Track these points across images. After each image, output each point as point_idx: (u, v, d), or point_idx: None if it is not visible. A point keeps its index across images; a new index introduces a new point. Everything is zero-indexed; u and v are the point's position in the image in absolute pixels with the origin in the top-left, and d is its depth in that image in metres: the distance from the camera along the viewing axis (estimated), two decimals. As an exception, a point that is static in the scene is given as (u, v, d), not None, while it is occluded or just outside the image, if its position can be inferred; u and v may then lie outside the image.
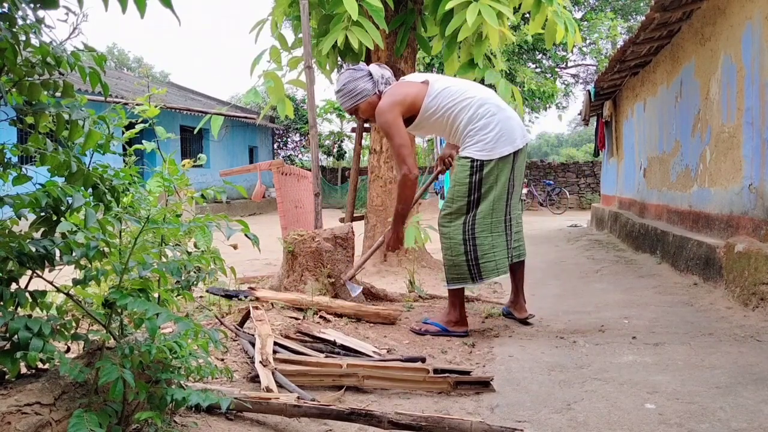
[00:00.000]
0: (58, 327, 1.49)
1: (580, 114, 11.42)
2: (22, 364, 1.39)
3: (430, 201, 14.54)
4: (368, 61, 5.43)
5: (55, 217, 1.50)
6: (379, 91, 3.11)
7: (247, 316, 2.92)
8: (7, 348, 1.40)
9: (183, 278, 1.87)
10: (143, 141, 2.30)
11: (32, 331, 1.37)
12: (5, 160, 1.46)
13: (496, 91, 4.31)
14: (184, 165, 2.34)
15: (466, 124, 2.98)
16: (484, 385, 2.27)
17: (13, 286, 1.46)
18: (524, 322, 3.39)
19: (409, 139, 3.08)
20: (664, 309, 3.76)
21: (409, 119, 3.07)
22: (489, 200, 3.00)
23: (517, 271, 3.38)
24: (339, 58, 5.45)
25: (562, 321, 3.52)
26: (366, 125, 5.85)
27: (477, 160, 2.94)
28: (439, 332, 3.11)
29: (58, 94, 1.51)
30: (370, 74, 3.10)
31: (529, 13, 4.86)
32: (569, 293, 4.49)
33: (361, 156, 5.93)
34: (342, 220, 5.76)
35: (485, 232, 3.03)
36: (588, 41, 18.68)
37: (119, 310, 1.57)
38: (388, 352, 2.76)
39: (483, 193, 2.99)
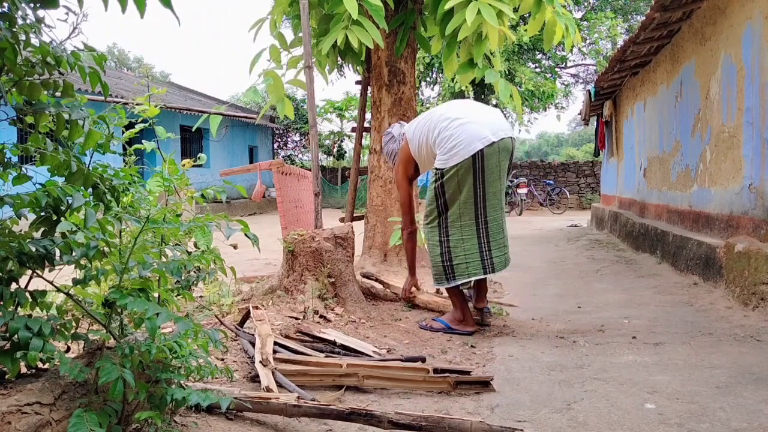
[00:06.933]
0: (58, 327, 1.49)
1: (580, 114, 11.41)
2: (22, 364, 1.39)
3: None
4: (368, 61, 5.43)
5: (55, 217, 1.50)
6: (400, 144, 3.55)
7: (247, 316, 2.92)
8: (7, 348, 1.40)
9: (183, 278, 1.87)
10: (143, 141, 2.30)
11: (32, 330, 1.37)
12: (5, 159, 1.46)
13: (495, 91, 4.33)
14: (184, 165, 2.35)
15: (434, 145, 3.19)
16: (484, 384, 2.27)
17: (13, 285, 1.46)
18: (480, 311, 3.38)
19: (409, 195, 3.46)
20: (664, 309, 3.76)
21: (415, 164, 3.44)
22: (456, 204, 3.16)
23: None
24: (339, 58, 5.45)
25: (562, 321, 3.52)
26: (366, 125, 5.85)
27: (439, 169, 3.15)
28: (442, 329, 3.22)
29: (58, 93, 1.51)
30: (393, 136, 3.60)
31: (528, 13, 4.85)
32: (569, 293, 4.49)
33: (361, 156, 5.93)
34: (342, 220, 5.76)
35: (456, 235, 3.19)
36: (588, 41, 18.64)
37: (119, 310, 1.57)
38: (388, 352, 2.76)
39: (448, 198, 3.16)
